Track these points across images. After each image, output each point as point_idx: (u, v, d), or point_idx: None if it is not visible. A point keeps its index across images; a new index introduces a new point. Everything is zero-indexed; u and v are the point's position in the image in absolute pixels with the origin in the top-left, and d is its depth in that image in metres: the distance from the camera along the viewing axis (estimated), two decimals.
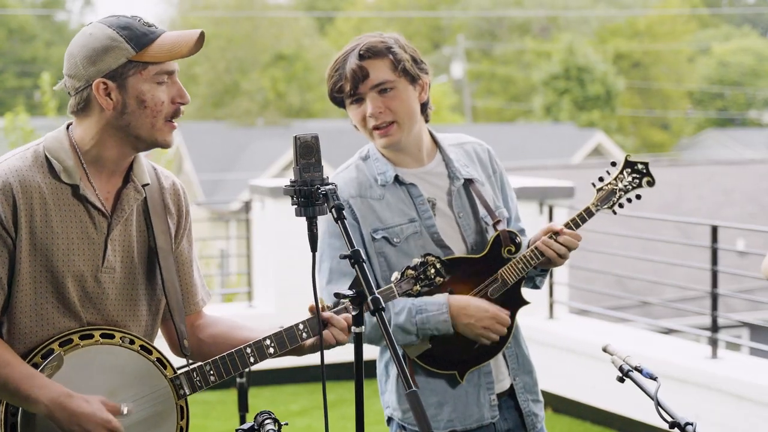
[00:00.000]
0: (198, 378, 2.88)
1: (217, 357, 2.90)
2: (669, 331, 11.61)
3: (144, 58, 2.75)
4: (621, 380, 3.13)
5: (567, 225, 3.48)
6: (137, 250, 2.89)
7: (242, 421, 4.54)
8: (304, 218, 2.80)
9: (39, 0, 54.70)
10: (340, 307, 3.02)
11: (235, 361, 2.91)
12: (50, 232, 2.76)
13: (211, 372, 2.89)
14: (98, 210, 2.82)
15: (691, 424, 2.92)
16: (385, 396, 3.58)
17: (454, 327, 3.38)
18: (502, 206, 3.57)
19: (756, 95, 48.24)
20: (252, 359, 2.93)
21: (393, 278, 3.13)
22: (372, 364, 3.67)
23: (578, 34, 46.73)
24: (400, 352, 2.92)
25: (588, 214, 3.52)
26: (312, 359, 3.13)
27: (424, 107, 3.50)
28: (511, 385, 3.55)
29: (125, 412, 2.77)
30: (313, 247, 2.79)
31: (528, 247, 3.48)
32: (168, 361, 2.90)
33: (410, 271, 3.12)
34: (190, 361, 2.94)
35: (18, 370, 2.69)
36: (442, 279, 3.14)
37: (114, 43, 2.75)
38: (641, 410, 7.19)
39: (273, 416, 2.85)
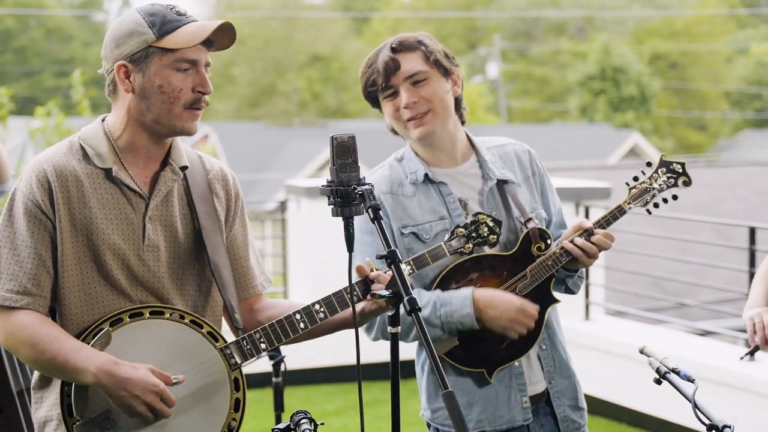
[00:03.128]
0: (249, 346, 2.90)
1: (266, 324, 2.92)
2: (706, 333, 11.52)
3: (164, 44, 2.83)
4: (658, 382, 3.12)
5: (598, 223, 3.43)
6: (182, 231, 2.93)
7: (278, 420, 4.56)
8: (340, 218, 2.81)
9: (76, 1, 55.11)
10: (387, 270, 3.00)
11: (285, 327, 2.92)
12: (89, 211, 2.83)
13: (261, 339, 2.90)
14: (134, 192, 2.88)
15: (729, 427, 2.91)
16: (422, 396, 3.58)
17: (480, 321, 3.34)
18: (540, 208, 3.53)
19: None
20: (302, 324, 2.93)
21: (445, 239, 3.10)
22: (407, 364, 3.67)
23: (614, 34, 46.51)
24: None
25: (620, 212, 3.47)
26: (348, 359, 3.13)
27: (458, 105, 3.49)
28: (547, 390, 3.50)
29: (175, 381, 2.80)
30: (350, 248, 2.80)
31: (558, 244, 3.45)
32: (219, 334, 2.91)
33: (461, 230, 3.09)
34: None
35: (66, 344, 2.77)
36: (495, 237, 3.11)
37: (138, 28, 2.83)
38: (678, 412, 7.15)
39: (309, 416, 2.86)
